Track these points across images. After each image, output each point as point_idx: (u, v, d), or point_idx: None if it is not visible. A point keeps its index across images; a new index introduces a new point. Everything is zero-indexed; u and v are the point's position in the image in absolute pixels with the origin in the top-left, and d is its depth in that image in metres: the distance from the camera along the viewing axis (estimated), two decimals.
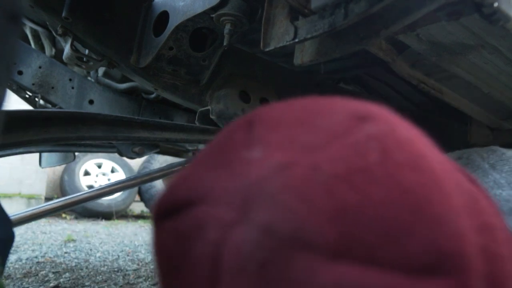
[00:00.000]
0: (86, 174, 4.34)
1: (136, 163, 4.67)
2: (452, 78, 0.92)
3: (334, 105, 0.25)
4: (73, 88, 1.30)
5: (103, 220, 4.15)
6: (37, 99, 1.33)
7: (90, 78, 1.38)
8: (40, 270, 1.86)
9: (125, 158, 3.38)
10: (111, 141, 1.14)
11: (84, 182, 4.26)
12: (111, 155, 4.37)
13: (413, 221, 0.20)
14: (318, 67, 1.26)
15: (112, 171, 4.48)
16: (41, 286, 1.63)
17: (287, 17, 0.69)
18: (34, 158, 2.46)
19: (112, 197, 4.11)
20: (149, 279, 1.81)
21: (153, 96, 1.33)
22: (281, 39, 0.70)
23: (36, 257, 2.14)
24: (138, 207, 4.94)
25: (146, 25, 0.92)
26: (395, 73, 0.89)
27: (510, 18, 0.55)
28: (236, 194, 0.23)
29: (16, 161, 4.08)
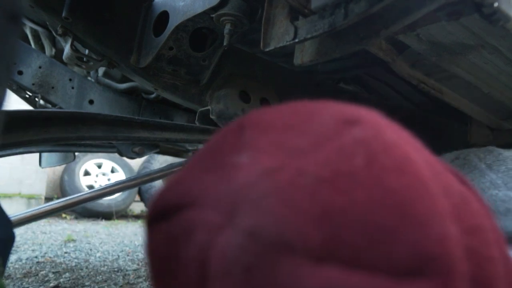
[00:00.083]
0: (86, 174, 4.34)
1: (136, 163, 4.68)
2: (452, 78, 0.92)
3: (324, 109, 0.25)
4: (73, 88, 1.30)
5: (103, 220, 4.15)
6: (37, 99, 1.33)
7: (90, 78, 1.38)
8: (40, 270, 1.86)
9: (125, 158, 3.38)
10: (111, 141, 1.14)
11: (84, 182, 4.26)
12: (111, 155, 4.37)
13: (397, 224, 0.20)
14: (318, 67, 1.26)
15: (112, 171, 4.49)
16: (41, 286, 1.63)
17: (287, 17, 0.69)
18: (34, 158, 2.46)
19: (112, 197, 4.11)
20: (149, 279, 1.81)
21: (153, 96, 1.33)
22: (281, 39, 0.70)
23: (36, 257, 2.14)
24: (138, 207, 4.94)
25: (146, 25, 0.92)
26: (395, 73, 0.89)
27: (510, 18, 0.55)
28: (223, 198, 0.23)
29: (16, 161, 4.08)
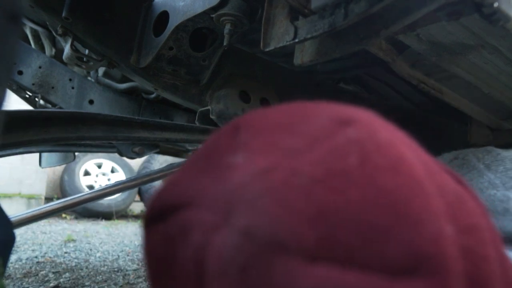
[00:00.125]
0: (86, 174, 4.34)
1: (136, 163, 4.68)
2: (452, 78, 0.92)
3: (318, 110, 0.25)
4: (73, 88, 1.30)
5: (103, 220, 4.15)
6: (37, 99, 1.33)
7: (90, 78, 1.38)
8: (40, 270, 1.86)
9: (125, 158, 3.38)
10: (111, 141, 1.14)
11: (84, 182, 4.26)
12: (111, 155, 4.37)
13: (391, 223, 0.20)
14: (318, 67, 1.26)
15: (112, 171, 4.49)
16: (41, 286, 1.63)
17: (287, 17, 0.69)
18: (34, 158, 2.46)
19: (112, 197, 4.11)
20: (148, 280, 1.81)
21: (153, 96, 1.32)
22: (281, 39, 0.70)
23: (36, 257, 2.14)
24: (138, 207, 4.94)
25: (146, 25, 0.92)
26: (395, 73, 0.89)
27: (510, 18, 0.55)
28: (219, 199, 0.23)
29: (16, 161, 4.08)
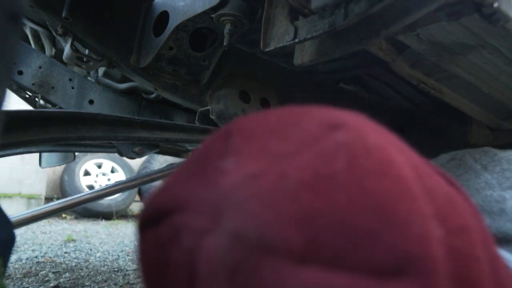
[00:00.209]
0: (86, 174, 4.34)
1: (136, 163, 4.68)
2: (452, 78, 0.92)
3: (308, 114, 0.25)
4: (73, 88, 1.30)
5: (103, 220, 4.15)
6: (37, 99, 1.33)
7: (90, 78, 1.38)
8: (40, 270, 1.86)
9: (125, 158, 3.38)
10: (111, 141, 1.14)
11: (84, 182, 4.26)
12: (111, 155, 4.37)
13: (377, 225, 0.20)
14: (318, 67, 1.26)
15: (112, 171, 4.49)
16: (41, 286, 1.63)
17: (287, 17, 0.69)
18: (34, 158, 2.46)
19: (112, 197, 4.11)
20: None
21: (153, 96, 1.32)
22: (281, 39, 0.70)
23: (36, 257, 2.14)
24: (138, 207, 4.94)
25: (146, 25, 0.92)
26: (395, 73, 0.89)
27: (510, 18, 0.55)
28: (210, 203, 0.24)
29: (16, 161, 4.08)
